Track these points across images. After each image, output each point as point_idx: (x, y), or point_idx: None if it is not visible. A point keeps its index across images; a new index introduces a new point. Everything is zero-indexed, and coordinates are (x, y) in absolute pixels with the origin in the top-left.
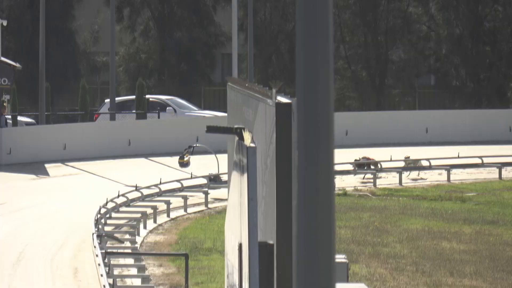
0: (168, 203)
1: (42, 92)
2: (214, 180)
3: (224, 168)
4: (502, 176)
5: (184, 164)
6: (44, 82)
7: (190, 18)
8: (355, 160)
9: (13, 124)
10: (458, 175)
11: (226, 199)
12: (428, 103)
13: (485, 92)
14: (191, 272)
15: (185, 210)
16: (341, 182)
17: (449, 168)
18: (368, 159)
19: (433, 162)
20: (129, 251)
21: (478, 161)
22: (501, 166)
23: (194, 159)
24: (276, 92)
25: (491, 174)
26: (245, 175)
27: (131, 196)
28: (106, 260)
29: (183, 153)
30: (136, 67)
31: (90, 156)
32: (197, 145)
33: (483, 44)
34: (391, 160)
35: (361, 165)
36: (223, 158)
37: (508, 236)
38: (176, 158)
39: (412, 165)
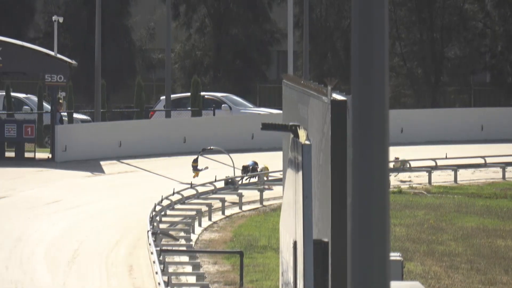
0: (223, 200)
1: (97, 89)
2: (232, 183)
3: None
4: None
5: (197, 168)
6: (100, 79)
7: (245, 15)
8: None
9: (69, 121)
10: None
11: (280, 197)
12: (484, 100)
13: None
14: (245, 269)
15: (240, 208)
16: (395, 180)
17: (504, 165)
18: (397, 159)
19: (488, 160)
20: (184, 248)
21: None
22: None
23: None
24: (332, 89)
25: None
26: (300, 173)
27: (186, 193)
28: (161, 258)
29: (197, 156)
30: (191, 64)
31: (145, 153)
32: (212, 147)
33: None
34: (424, 159)
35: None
36: (262, 156)
37: None
38: (232, 155)
39: (401, 166)
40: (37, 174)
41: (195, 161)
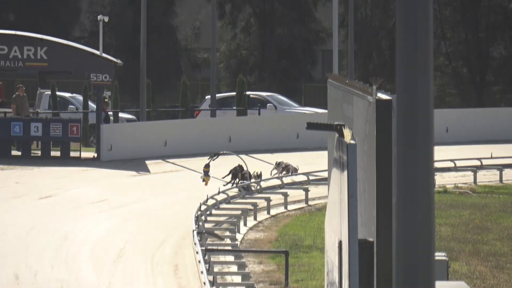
0: (268, 200)
1: (143, 89)
2: (247, 190)
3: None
4: None
5: (208, 173)
6: (145, 79)
7: (291, 14)
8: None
9: (114, 120)
10: None
11: (326, 196)
12: None
13: None
14: (291, 269)
15: (285, 207)
16: (441, 179)
17: None
18: None
19: None
20: (229, 248)
21: None
22: None
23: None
24: (377, 88)
25: None
26: (345, 172)
27: (232, 193)
28: (206, 257)
29: (209, 161)
30: (237, 64)
31: (191, 152)
32: (224, 152)
33: None
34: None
35: None
36: (268, 159)
37: None
38: (277, 155)
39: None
40: (82, 173)
41: (207, 166)
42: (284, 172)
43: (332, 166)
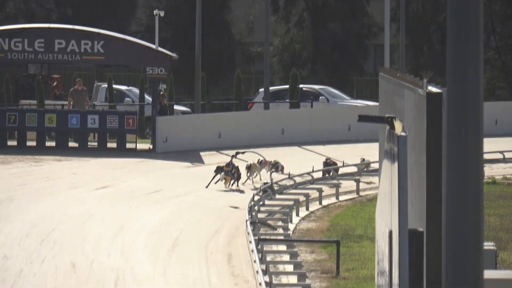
0: (320, 190)
1: (198, 82)
2: (270, 189)
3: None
4: None
5: (229, 173)
6: (200, 72)
7: (343, 9)
8: None
9: (169, 113)
10: None
11: (377, 187)
12: None
13: None
14: (342, 258)
15: (337, 198)
16: (490, 171)
17: None
18: (362, 160)
19: None
20: (282, 237)
21: None
22: None
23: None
24: (427, 82)
25: None
26: (396, 164)
27: (284, 183)
28: (259, 247)
29: (230, 160)
30: (290, 57)
31: (244, 144)
32: (244, 151)
33: None
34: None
35: None
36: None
37: None
38: (329, 146)
39: (365, 168)
40: (138, 164)
41: (228, 165)
42: (273, 170)
43: (383, 157)
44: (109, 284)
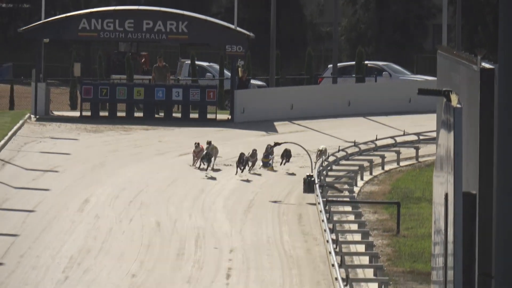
0: (383, 157)
1: (272, 59)
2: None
3: None
4: None
5: (267, 163)
6: (275, 50)
7: None
8: None
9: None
10: None
11: (434, 154)
12: None
13: None
14: (402, 218)
15: (398, 163)
16: None
17: None
18: (320, 150)
19: None
20: (347, 199)
21: None
22: None
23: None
24: (481, 59)
25: None
26: (452, 133)
27: (350, 150)
28: (326, 208)
29: (269, 151)
30: (356, 36)
31: (314, 115)
32: (281, 142)
33: None
34: None
35: None
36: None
37: None
38: (391, 117)
39: (323, 156)
40: (218, 133)
41: (266, 156)
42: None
43: (440, 127)
44: (190, 241)
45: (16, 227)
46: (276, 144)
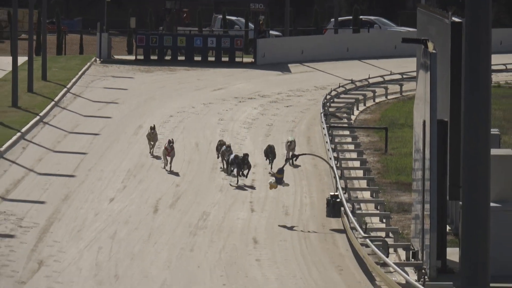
0: (374, 92)
1: (286, 14)
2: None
3: None
4: None
5: (281, 181)
6: (288, 7)
7: None
8: None
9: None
10: None
11: (414, 90)
12: None
13: None
14: (389, 140)
15: (386, 97)
16: (496, 78)
17: None
18: (289, 142)
19: None
20: (346, 125)
21: None
22: None
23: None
24: (451, 14)
25: None
26: (428, 73)
27: (348, 87)
28: (329, 132)
29: (284, 165)
30: None
31: (319, 59)
32: (299, 154)
33: None
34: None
35: None
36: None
37: None
38: (381, 60)
39: (292, 151)
40: (243, 73)
41: (280, 172)
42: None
43: (419, 68)
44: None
45: (85, 147)
46: (294, 156)
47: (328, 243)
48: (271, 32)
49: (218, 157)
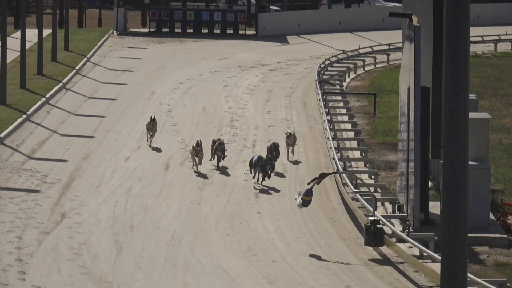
0: (363, 61)
1: None
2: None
3: None
4: None
5: (306, 203)
6: None
7: None
8: None
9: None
10: None
11: (400, 59)
12: None
13: None
14: (377, 105)
15: (375, 66)
16: (473, 48)
17: None
18: (289, 133)
19: None
20: (338, 91)
21: None
22: None
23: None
24: None
25: None
26: (412, 44)
27: (341, 56)
28: (323, 97)
29: (312, 185)
30: None
31: (315, 31)
32: (329, 173)
33: None
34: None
35: None
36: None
37: None
38: (370, 32)
39: (292, 146)
40: (246, 44)
41: (309, 193)
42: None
43: (405, 40)
44: (226, 120)
45: (103, 110)
46: (322, 175)
47: (322, 197)
48: (271, 7)
49: (211, 158)
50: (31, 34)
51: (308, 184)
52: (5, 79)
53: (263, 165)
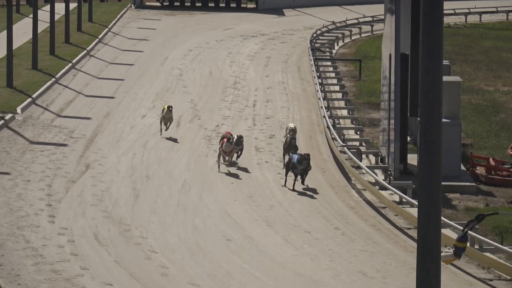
0: (350, 31)
1: None
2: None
3: None
4: None
5: (461, 250)
6: None
7: None
8: None
9: None
10: None
11: (382, 29)
12: None
13: None
14: (362, 70)
15: (360, 35)
16: (447, 20)
17: (507, 11)
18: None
19: (500, 9)
20: (328, 57)
21: None
22: None
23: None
24: None
25: None
26: (393, 16)
27: (330, 27)
28: (315, 63)
29: (466, 230)
30: None
31: (307, 4)
32: (488, 214)
33: None
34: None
35: None
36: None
37: None
38: (356, 6)
39: (289, 135)
40: (247, 16)
41: (463, 239)
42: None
43: (387, 12)
44: (230, 82)
45: (122, 74)
46: (481, 216)
47: (314, 150)
48: None
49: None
50: (59, 7)
51: (464, 230)
52: (36, 47)
53: (305, 168)
